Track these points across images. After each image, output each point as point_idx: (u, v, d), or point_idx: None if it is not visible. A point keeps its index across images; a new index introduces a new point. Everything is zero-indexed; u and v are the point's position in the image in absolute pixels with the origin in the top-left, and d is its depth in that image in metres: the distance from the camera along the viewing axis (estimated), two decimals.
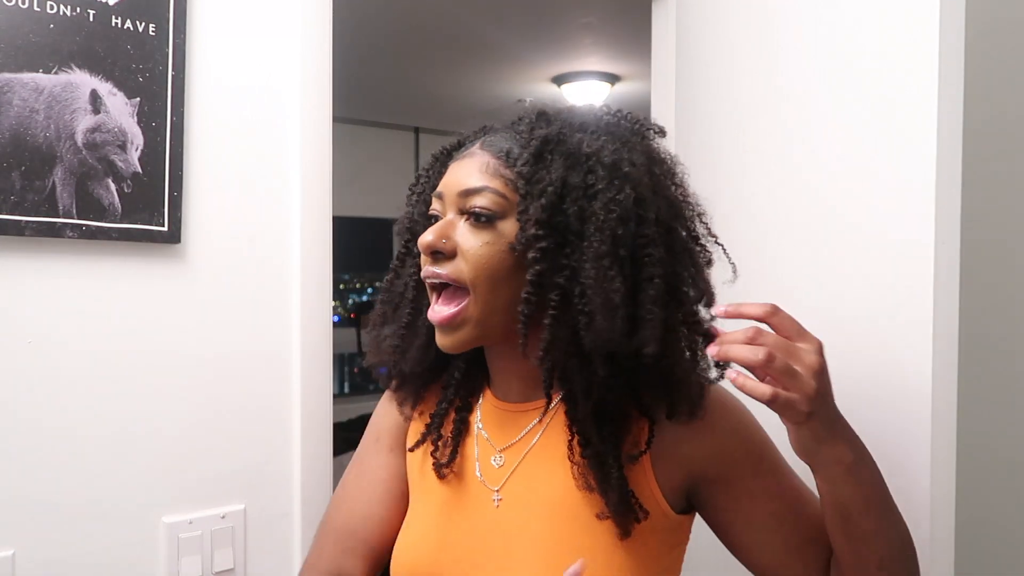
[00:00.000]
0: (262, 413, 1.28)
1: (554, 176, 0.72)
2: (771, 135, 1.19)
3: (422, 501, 0.86)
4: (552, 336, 0.72)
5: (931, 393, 0.90)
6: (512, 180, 0.74)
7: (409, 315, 0.83)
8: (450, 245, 0.75)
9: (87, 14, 1.10)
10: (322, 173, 1.34)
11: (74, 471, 1.12)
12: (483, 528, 0.80)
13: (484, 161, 0.76)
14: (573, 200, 0.72)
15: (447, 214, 0.77)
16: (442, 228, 0.75)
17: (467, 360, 0.86)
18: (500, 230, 0.74)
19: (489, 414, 0.84)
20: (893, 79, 0.96)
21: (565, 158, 0.73)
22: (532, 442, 0.81)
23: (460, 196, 0.75)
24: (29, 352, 1.09)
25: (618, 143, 0.75)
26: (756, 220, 1.22)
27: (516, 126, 0.79)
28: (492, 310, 0.74)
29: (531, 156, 0.73)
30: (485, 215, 0.74)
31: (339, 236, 1.41)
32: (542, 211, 0.71)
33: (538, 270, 0.71)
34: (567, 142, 0.74)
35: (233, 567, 1.24)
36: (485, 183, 0.74)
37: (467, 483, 0.82)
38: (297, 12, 1.30)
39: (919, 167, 0.91)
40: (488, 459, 0.82)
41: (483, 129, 0.82)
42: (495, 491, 0.80)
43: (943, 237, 0.89)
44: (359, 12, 2.85)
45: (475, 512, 0.81)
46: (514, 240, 0.73)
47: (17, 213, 1.05)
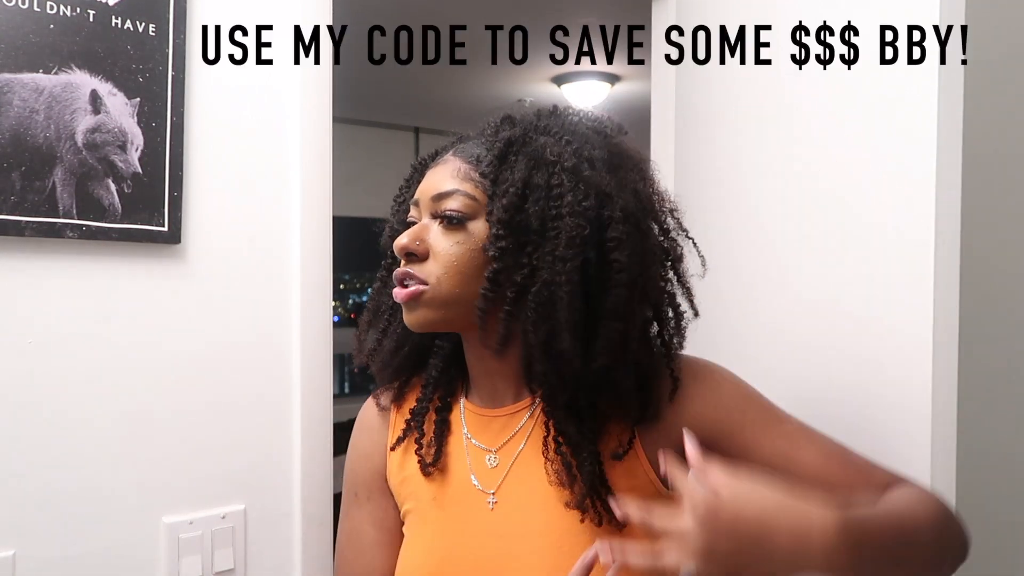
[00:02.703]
0: (262, 413, 1.28)
1: (517, 177, 0.74)
2: (771, 134, 1.19)
3: (416, 520, 0.85)
4: (506, 330, 0.75)
5: (931, 393, 0.90)
6: (481, 183, 0.76)
7: (387, 321, 0.87)
8: (423, 247, 0.77)
9: (87, 14, 1.10)
10: (322, 173, 1.34)
11: (74, 471, 1.12)
12: (481, 532, 0.80)
13: (456, 167, 0.78)
14: (535, 200, 0.74)
15: (422, 218, 0.79)
16: (416, 231, 0.78)
17: (445, 359, 0.88)
18: (471, 231, 0.76)
19: (475, 423, 0.85)
20: (893, 78, 0.96)
21: (528, 159, 0.75)
22: (523, 441, 0.81)
23: (433, 200, 0.78)
24: (29, 352, 1.09)
25: (580, 143, 0.77)
26: (756, 219, 1.22)
27: (484, 131, 0.82)
28: (455, 299, 0.76)
29: (495, 158, 0.76)
30: (456, 217, 0.76)
31: (339, 236, 1.41)
32: (503, 211, 0.73)
33: (495, 268, 0.74)
34: (530, 144, 0.77)
35: (233, 567, 1.24)
36: (456, 186, 0.77)
37: (460, 490, 0.83)
38: (297, 11, 1.30)
39: (919, 167, 0.91)
40: (483, 460, 0.83)
41: (459, 138, 0.84)
42: (491, 494, 0.81)
43: (943, 237, 0.89)
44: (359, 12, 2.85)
45: (471, 517, 0.81)
46: (485, 240, 0.75)
47: (17, 213, 1.05)
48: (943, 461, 0.90)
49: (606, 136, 0.81)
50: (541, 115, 0.82)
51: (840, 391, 1.03)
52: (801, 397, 1.11)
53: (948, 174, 0.89)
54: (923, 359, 0.90)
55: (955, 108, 0.89)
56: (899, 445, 0.94)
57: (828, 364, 1.05)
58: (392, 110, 4.72)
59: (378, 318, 0.89)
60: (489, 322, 0.75)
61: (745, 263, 1.23)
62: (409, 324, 0.79)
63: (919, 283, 0.91)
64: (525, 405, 0.82)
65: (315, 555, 1.33)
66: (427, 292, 0.76)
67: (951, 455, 0.90)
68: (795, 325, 1.12)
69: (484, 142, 0.79)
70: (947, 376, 0.90)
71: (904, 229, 0.93)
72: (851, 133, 1.02)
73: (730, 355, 1.25)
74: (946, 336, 0.90)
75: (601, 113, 0.84)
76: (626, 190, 0.77)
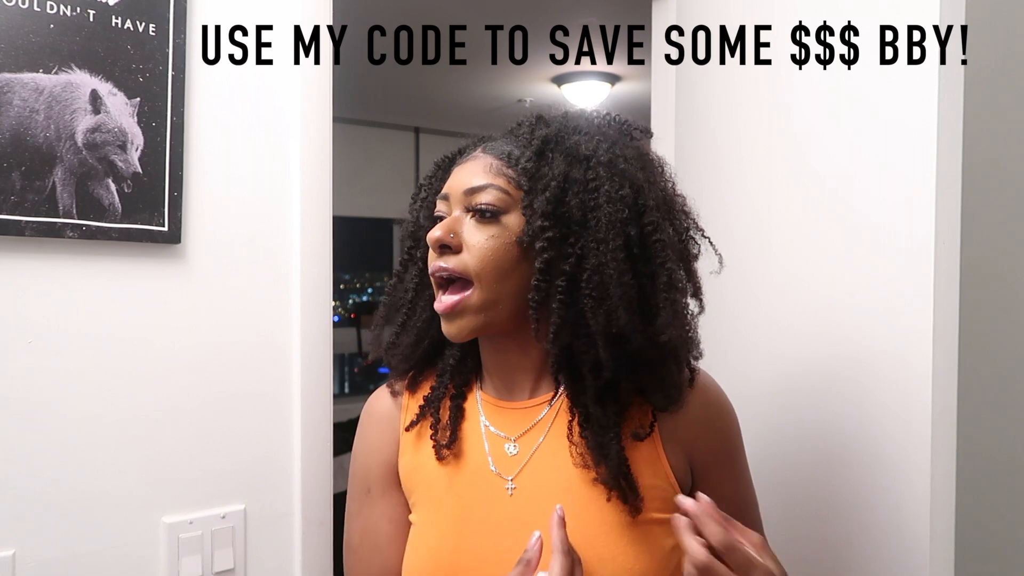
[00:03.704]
0: (262, 413, 1.28)
1: (556, 172, 0.77)
2: (772, 133, 1.19)
3: (428, 506, 0.86)
4: (561, 319, 0.77)
5: (931, 393, 0.90)
6: (515, 179, 0.79)
7: (405, 315, 0.89)
8: (456, 240, 0.79)
9: (87, 14, 1.10)
10: (322, 173, 1.34)
11: (74, 471, 1.12)
12: (498, 517, 0.81)
13: (487, 162, 0.81)
14: (575, 193, 0.77)
15: (453, 213, 0.81)
16: (449, 224, 0.80)
17: (462, 349, 0.89)
18: (504, 224, 0.78)
19: (492, 412, 0.86)
20: (893, 78, 0.96)
21: (565, 155, 0.79)
22: (544, 434, 0.83)
23: (465, 194, 0.80)
24: (29, 352, 1.09)
25: (611, 142, 0.81)
26: (756, 219, 1.22)
27: (515, 131, 0.84)
28: (496, 299, 0.79)
29: (533, 154, 0.79)
30: (490, 211, 0.78)
31: (339, 236, 1.41)
32: (547, 204, 0.76)
33: (546, 258, 0.76)
34: (565, 142, 0.80)
35: (233, 567, 1.24)
36: (489, 181, 0.79)
37: (476, 476, 0.84)
38: (297, 11, 1.31)
39: (919, 167, 0.91)
40: (501, 447, 0.84)
41: (482, 138, 0.87)
42: (509, 480, 0.82)
43: (943, 237, 0.89)
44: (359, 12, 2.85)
45: (488, 503, 0.82)
46: (520, 233, 0.78)
47: (17, 213, 1.05)
48: (943, 461, 0.90)
49: (631, 137, 0.85)
50: (570, 116, 0.85)
51: (840, 391, 1.03)
52: (802, 397, 1.11)
53: (948, 174, 0.89)
54: (923, 359, 0.90)
55: (955, 108, 0.89)
56: (899, 445, 0.94)
57: (828, 364, 1.05)
58: (392, 110, 4.72)
59: (396, 313, 0.90)
60: (542, 315, 0.78)
61: (745, 263, 1.23)
62: (451, 334, 0.81)
63: (919, 283, 0.91)
64: (544, 400, 0.84)
65: (315, 555, 1.33)
66: (471, 297, 0.78)
67: (951, 455, 0.90)
68: (795, 325, 1.12)
69: (516, 140, 0.82)
70: (947, 376, 0.90)
71: (904, 229, 0.93)
72: (851, 133, 1.02)
73: (730, 355, 1.25)
74: (946, 336, 0.90)
75: (626, 116, 0.88)
76: (655, 186, 0.81)
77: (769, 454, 1.13)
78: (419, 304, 0.88)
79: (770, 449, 1.14)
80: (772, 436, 1.15)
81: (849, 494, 1.02)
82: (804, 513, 1.08)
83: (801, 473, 1.10)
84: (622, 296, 0.75)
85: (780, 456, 1.13)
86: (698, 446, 0.84)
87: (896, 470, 0.95)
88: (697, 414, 0.83)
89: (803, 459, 1.10)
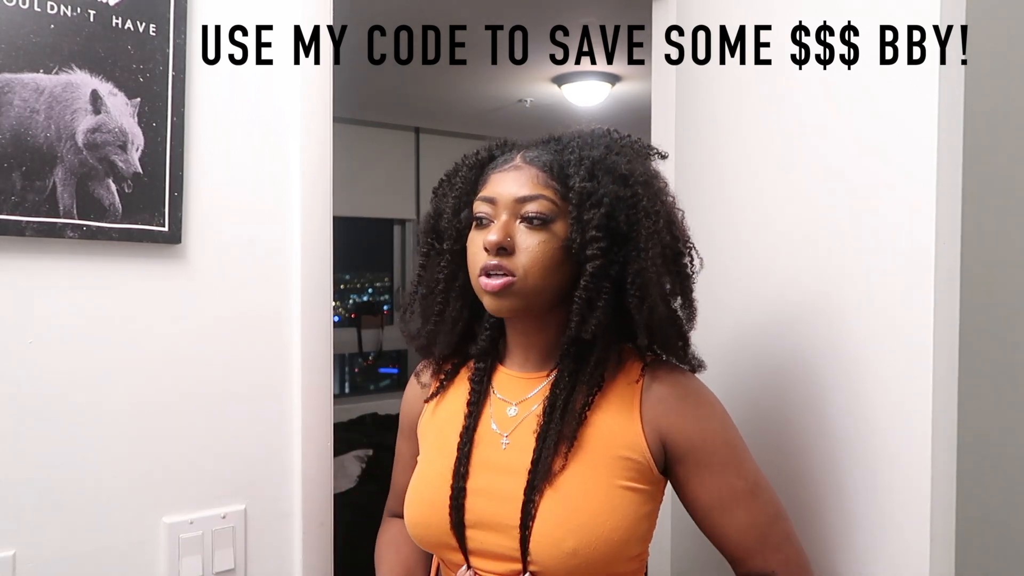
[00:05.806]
0: (262, 413, 1.29)
1: (607, 191, 0.89)
2: (771, 133, 1.19)
3: (436, 450, 1.01)
4: (604, 315, 0.90)
5: (931, 393, 0.90)
6: (559, 190, 0.91)
7: (440, 306, 1.00)
8: (512, 243, 0.91)
9: (87, 14, 1.10)
10: (322, 173, 1.34)
11: (75, 471, 1.12)
12: (491, 463, 0.96)
13: (534, 173, 0.92)
14: (622, 209, 0.90)
15: (500, 217, 0.92)
16: (505, 229, 0.91)
17: (493, 330, 1.03)
18: (553, 231, 0.91)
19: (503, 382, 1.01)
20: (893, 78, 0.96)
21: (611, 176, 0.91)
22: (538, 402, 0.97)
23: (516, 202, 0.91)
24: (29, 352, 1.09)
25: (641, 163, 0.95)
26: (756, 219, 1.22)
27: (554, 145, 0.96)
28: (539, 291, 0.91)
29: (586, 173, 0.90)
30: (540, 218, 0.91)
31: (339, 236, 1.41)
32: (601, 219, 0.88)
33: (596, 264, 0.89)
34: (608, 162, 0.92)
35: (234, 567, 1.24)
36: (539, 192, 0.91)
37: (480, 435, 0.98)
38: (297, 11, 1.31)
39: (919, 167, 0.91)
40: (504, 411, 0.98)
41: (508, 144, 0.99)
42: (504, 436, 0.97)
43: (943, 237, 0.89)
44: (359, 12, 2.85)
45: (484, 452, 0.97)
46: (565, 239, 0.91)
47: (18, 213, 1.05)
48: (943, 461, 0.90)
49: (648, 157, 0.99)
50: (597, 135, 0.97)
51: (840, 391, 1.03)
52: (802, 397, 1.11)
53: (948, 174, 0.89)
54: (923, 359, 0.90)
55: (955, 108, 0.89)
56: (899, 445, 0.94)
57: (828, 364, 1.05)
58: (392, 110, 4.72)
59: (430, 300, 1.01)
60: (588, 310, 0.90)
61: (745, 262, 1.23)
62: (494, 310, 0.93)
63: (919, 283, 0.91)
64: (545, 373, 0.99)
65: (315, 555, 1.33)
66: (516, 283, 0.90)
67: (951, 455, 0.90)
68: (795, 324, 1.12)
69: (558, 154, 0.93)
70: (947, 376, 0.90)
71: (904, 229, 0.93)
72: (851, 133, 1.02)
73: (730, 354, 1.25)
74: (946, 336, 0.90)
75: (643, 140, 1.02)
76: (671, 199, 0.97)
77: (769, 454, 1.13)
78: (451, 294, 0.99)
79: (770, 449, 1.14)
80: (772, 436, 1.15)
81: (849, 493, 1.02)
82: (804, 513, 1.08)
83: (801, 473, 1.10)
84: (660, 294, 0.91)
85: (780, 456, 1.13)
86: (673, 432, 0.92)
87: (896, 469, 0.95)
88: (676, 403, 0.94)
89: (803, 458, 1.10)
